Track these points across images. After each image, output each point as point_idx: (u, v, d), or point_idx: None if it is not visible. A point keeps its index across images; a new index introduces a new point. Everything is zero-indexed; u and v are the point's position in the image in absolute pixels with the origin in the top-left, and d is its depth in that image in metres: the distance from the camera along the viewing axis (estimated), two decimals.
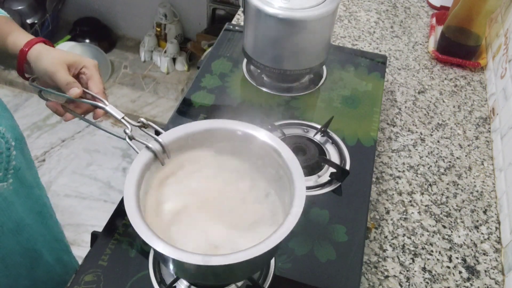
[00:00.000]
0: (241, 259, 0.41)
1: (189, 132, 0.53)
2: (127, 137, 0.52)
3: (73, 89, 0.56)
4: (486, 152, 0.85)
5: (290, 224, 0.43)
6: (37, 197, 0.69)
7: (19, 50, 0.59)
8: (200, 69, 0.89)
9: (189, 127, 0.53)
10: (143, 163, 0.49)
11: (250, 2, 0.76)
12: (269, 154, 0.52)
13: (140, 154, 0.50)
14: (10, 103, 2.14)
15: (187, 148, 0.53)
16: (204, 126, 0.53)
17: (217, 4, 2.09)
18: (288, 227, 0.43)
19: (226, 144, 0.54)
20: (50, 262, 0.74)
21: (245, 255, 0.41)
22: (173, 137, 0.52)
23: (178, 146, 0.52)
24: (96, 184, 1.82)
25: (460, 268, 0.67)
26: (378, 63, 0.93)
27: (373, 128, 0.79)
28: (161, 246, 0.42)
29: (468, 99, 0.96)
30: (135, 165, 0.48)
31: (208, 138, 0.54)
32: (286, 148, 0.51)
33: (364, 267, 0.65)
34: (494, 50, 1.01)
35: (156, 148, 0.50)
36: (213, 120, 0.54)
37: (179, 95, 2.17)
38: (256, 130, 0.53)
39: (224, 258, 0.41)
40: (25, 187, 0.65)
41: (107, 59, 2.25)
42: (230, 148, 0.55)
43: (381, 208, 0.74)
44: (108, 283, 0.56)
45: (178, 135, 0.52)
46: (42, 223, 0.71)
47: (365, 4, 1.22)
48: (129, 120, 0.54)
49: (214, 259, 0.41)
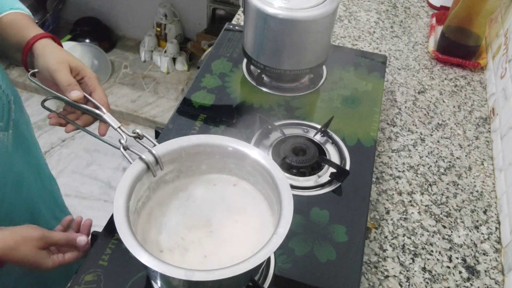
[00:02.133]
0: (225, 276, 0.41)
1: (183, 146, 0.53)
2: (121, 147, 0.52)
3: (75, 91, 0.56)
4: (486, 152, 0.85)
5: (274, 244, 0.44)
6: (34, 153, 0.72)
7: (26, 41, 0.59)
8: (200, 69, 0.89)
9: (183, 140, 0.53)
10: (136, 173, 0.50)
11: (250, 2, 0.76)
12: (260, 172, 0.53)
13: (133, 164, 0.50)
14: None
15: (179, 160, 0.54)
16: (198, 141, 0.54)
17: (217, 4, 2.09)
18: (272, 247, 0.44)
19: (218, 159, 0.55)
20: (48, 219, 0.76)
21: (228, 272, 0.41)
22: (167, 150, 0.53)
23: (170, 159, 0.53)
24: (96, 184, 1.82)
25: (460, 268, 0.67)
26: (378, 63, 0.93)
27: (373, 128, 0.79)
28: (146, 258, 0.42)
29: (468, 99, 0.96)
30: (127, 175, 0.49)
31: (201, 152, 0.54)
32: (277, 168, 0.51)
33: (364, 267, 0.65)
34: (494, 50, 1.01)
35: (149, 160, 0.51)
36: (207, 136, 0.55)
37: (179, 95, 2.17)
38: (248, 148, 0.53)
39: (207, 274, 0.41)
40: (23, 142, 0.68)
41: (107, 59, 2.25)
42: (221, 164, 0.56)
43: (381, 208, 0.74)
44: (108, 283, 0.56)
45: (172, 148, 0.53)
46: (39, 180, 0.74)
47: (365, 4, 1.22)
48: (124, 130, 0.54)
49: (197, 274, 0.41)
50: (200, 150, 0.54)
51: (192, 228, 0.52)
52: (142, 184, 0.51)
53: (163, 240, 0.51)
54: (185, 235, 0.51)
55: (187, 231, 0.52)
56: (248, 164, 0.54)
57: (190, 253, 0.50)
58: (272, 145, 0.74)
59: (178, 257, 0.49)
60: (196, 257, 0.50)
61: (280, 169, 0.51)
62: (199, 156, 0.55)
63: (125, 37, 2.47)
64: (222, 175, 0.57)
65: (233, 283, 0.48)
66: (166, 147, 0.53)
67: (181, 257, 0.49)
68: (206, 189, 0.56)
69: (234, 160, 0.55)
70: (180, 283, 0.45)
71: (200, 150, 0.54)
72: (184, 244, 0.51)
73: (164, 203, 0.54)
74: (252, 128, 0.77)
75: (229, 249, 0.51)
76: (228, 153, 0.54)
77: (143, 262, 0.41)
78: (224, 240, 0.52)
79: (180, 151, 0.53)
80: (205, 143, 0.54)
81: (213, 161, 0.56)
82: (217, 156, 0.55)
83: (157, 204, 0.54)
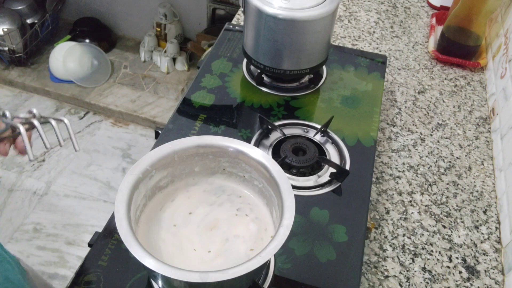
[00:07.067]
0: (239, 274, 0.41)
1: (176, 150, 0.53)
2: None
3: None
4: (486, 152, 0.85)
5: (283, 236, 0.44)
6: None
7: None
8: (200, 69, 0.89)
9: (175, 144, 0.53)
10: (132, 183, 0.49)
11: (250, 2, 0.76)
12: (255, 167, 0.53)
13: (127, 174, 0.50)
14: (10, 103, 2.14)
15: (173, 165, 0.54)
16: (190, 143, 0.54)
17: (217, 4, 2.09)
18: (281, 238, 0.44)
19: (212, 159, 0.55)
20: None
21: (241, 270, 0.42)
22: (160, 155, 0.52)
23: (164, 164, 0.53)
24: (95, 184, 1.82)
25: (460, 268, 0.67)
26: (378, 63, 0.93)
27: (373, 128, 0.79)
28: (164, 269, 0.42)
29: (468, 99, 0.96)
30: (124, 185, 0.49)
31: (194, 154, 0.54)
32: (273, 162, 0.51)
33: (364, 267, 0.65)
34: (494, 50, 1.01)
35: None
36: (198, 137, 0.54)
37: (179, 95, 2.17)
38: (242, 145, 0.53)
39: (222, 274, 0.41)
40: None
41: (107, 59, 2.25)
42: (215, 164, 0.56)
43: (381, 208, 0.74)
44: (108, 283, 0.55)
45: (165, 153, 0.53)
46: None
47: (365, 4, 1.22)
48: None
49: (212, 275, 0.41)
50: (193, 152, 0.54)
51: (192, 230, 0.52)
52: (139, 193, 0.51)
53: (163, 244, 0.50)
54: (185, 237, 0.51)
55: (187, 233, 0.52)
56: (243, 161, 0.54)
57: (190, 253, 0.50)
58: (272, 145, 0.74)
59: (179, 258, 0.49)
60: (197, 257, 0.50)
61: (275, 162, 0.51)
62: (192, 159, 0.55)
63: (125, 37, 2.47)
64: (217, 174, 0.57)
65: (236, 283, 0.48)
66: (159, 152, 0.52)
67: (183, 258, 0.49)
68: (202, 190, 0.56)
69: (228, 158, 0.55)
70: (181, 284, 0.45)
71: (193, 152, 0.54)
72: (184, 245, 0.51)
73: (160, 208, 0.54)
74: (252, 128, 0.77)
75: (230, 248, 0.51)
76: (221, 152, 0.54)
77: (161, 272, 0.41)
78: (226, 239, 0.51)
79: (172, 155, 0.53)
80: (197, 144, 0.54)
81: (206, 162, 0.56)
82: (210, 156, 0.55)
83: (154, 210, 0.54)
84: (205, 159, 0.55)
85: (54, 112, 2.11)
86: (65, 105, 2.16)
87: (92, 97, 2.13)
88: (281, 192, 0.48)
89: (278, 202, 0.49)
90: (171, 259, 0.49)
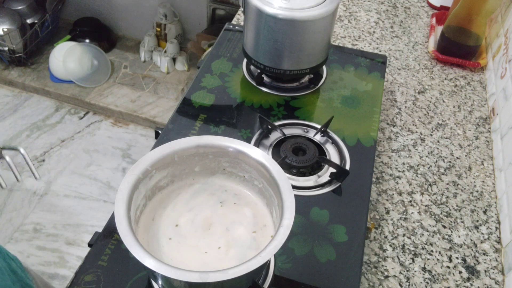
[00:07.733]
0: (239, 274, 0.41)
1: (176, 150, 0.53)
2: None
3: None
4: (486, 152, 0.85)
5: (283, 236, 0.44)
6: None
7: None
8: (200, 69, 0.89)
9: (174, 144, 0.53)
10: (132, 183, 0.49)
11: (250, 2, 0.76)
12: (255, 167, 0.53)
13: (127, 174, 0.50)
14: (10, 103, 2.14)
15: (173, 165, 0.54)
16: (190, 143, 0.54)
17: (217, 4, 2.09)
18: (281, 238, 0.44)
19: (212, 159, 0.55)
20: None
21: (241, 270, 0.42)
22: (160, 155, 0.52)
23: (164, 164, 0.53)
24: (95, 184, 1.82)
25: (460, 268, 0.67)
26: (378, 63, 0.93)
27: (373, 128, 0.79)
28: (164, 269, 0.42)
29: (468, 99, 0.96)
30: (124, 185, 0.49)
31: (194, 154, 0.54)
32: (273, 162, 0.51)
33: (364, 267, 0.65)
34: (494, 50, 1.01)
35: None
36: (198, 137, 0.54)
37: (179, 95, 2.17)
38: (242, 145, 0.53)
39: (222, 274, 0.41)
40: None
41: (107, 59, 2.25)
42: (215, 164, 0.56)
43: (381, 208, 0.74)
44: (108, 283, 0.55)
45: (165, 153, 0.53)
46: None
47: (365, 4, 1.22)
48: None
49: (212, 275, 0.41)
50: (193, 152, 0.54)
51: (191, 230, 0.52)
52: (139, 193, 0.51)
53: (163, 244, 0.50)
54: (184, 237, 0.51)
55: (187, 233, 0.52)
56: (243, 161, 0.53)
57: (190, 254, 0.50)
58: (272, 145, 0.74)
59: (179, 259, 0.49)
60: (197, 257, 0.50)
61: (275, 162, 0.51)
62: (192, 159, 0.55)
63: (125, 37, 2.47)
64: (217, 174, 0.57)
65: (236, 283, 0.48)
66: (159, 152, 0.52)
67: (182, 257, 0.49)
68: (202, 191, 0.56)
69: (228, 158, 0.54)
70: (181, 284, 0.45)
71: (193, 152, 0.54)
72: (184, 245, 0.51)
73: (160, 208, 0.54)
74: (252, 128, 0.77)
75: (234, 236, 0.51)
76: (221, 152, 0.54)
77: (161, 272, 0.41)
78: (226, 229, 0.51)
79: (172, 155, 0.53)
80: (197, 144, 0.54)
81: (206, 162, 0.56)
82: (210, 156, 0.55)
83: (154, 210, 0.54)
84: (205, 159, 0.55)
85: (54, 112, 2.11)
86: (65, 105, 2.16)
87: (92, 97, 2.13)
88: (281, 192, 0.48)
89: (278, 202, 0.49)
90: (171, 259, 0.49)
